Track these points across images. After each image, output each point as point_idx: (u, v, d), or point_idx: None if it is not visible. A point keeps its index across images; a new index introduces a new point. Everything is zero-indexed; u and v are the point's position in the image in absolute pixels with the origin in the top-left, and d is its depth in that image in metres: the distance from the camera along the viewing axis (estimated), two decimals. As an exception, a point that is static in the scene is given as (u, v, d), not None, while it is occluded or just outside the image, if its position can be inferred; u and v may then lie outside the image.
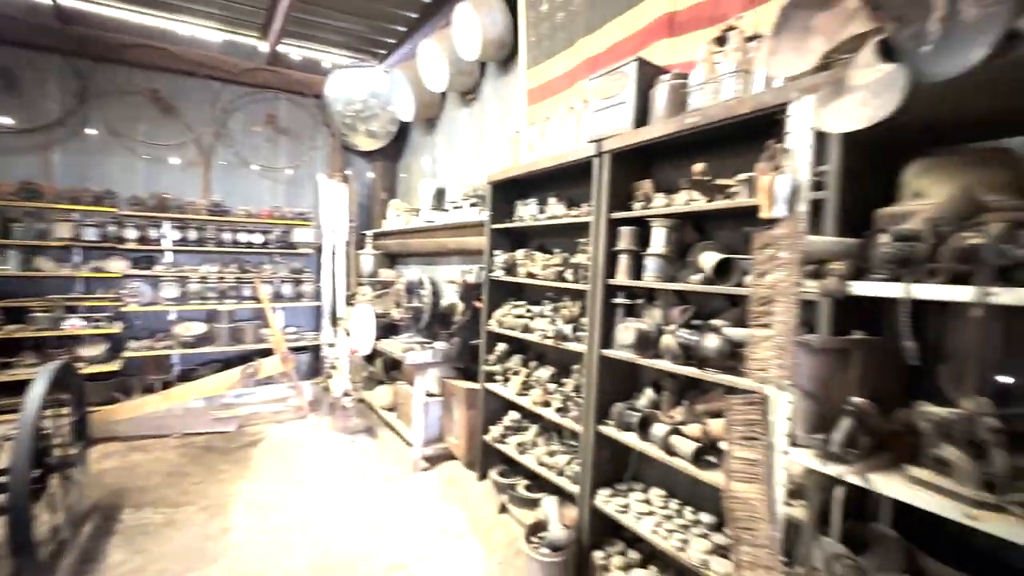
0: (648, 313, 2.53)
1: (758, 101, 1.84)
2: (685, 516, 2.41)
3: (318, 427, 4.95)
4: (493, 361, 3.63)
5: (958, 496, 1.08)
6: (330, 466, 4.11)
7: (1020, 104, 1.45)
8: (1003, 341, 1.63)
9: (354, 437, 4.72)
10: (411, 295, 3.99)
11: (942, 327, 1.64)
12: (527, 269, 3.30)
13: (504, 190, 3.66)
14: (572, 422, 2.83)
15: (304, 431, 4.89)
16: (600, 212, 2.62)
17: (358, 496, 3.61)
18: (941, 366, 1.35)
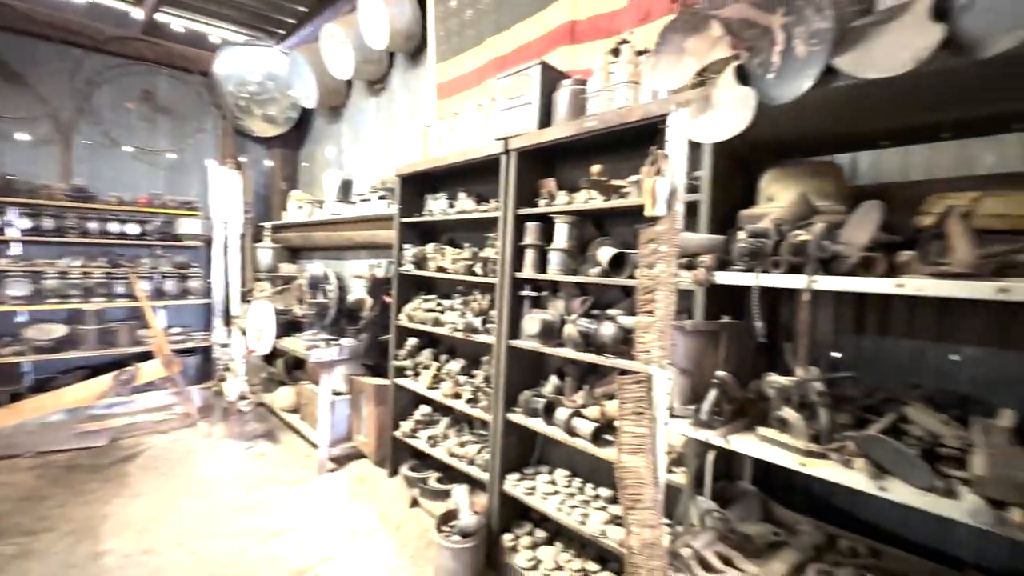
0: (552, 304, 2.67)
1: (645, 111, 2.03)
2: (586, 492, 2.60)
3: (210, 435, 4.56)
4: (403, 356, 3.60)
5: (793, 448, 1.31)
6: (226, 475, 3.82)
7: (839, 127, 1.77)
8: (832, 321, 1.98)
9: (252, 443, 4.42)
10: (315, 290, 3.82)
11: (787, 310, 1.94)
12: (437, 263, 3.32)
13: (414, 184, 3.64)
14: (482, 412, 2.91)
15: (193, 440, 4.48)
16: (507, 208, 2.72)
17: (259, 503, 3.41)
18: (785, 343, 1.60)
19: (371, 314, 3.70)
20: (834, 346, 2.01)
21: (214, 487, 3.63)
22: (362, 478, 3.70)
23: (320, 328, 3.87)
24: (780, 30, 1.27)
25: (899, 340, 1.89)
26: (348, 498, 3.47)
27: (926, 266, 1.14)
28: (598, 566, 2.49)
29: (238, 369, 4.46)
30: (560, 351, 2.48)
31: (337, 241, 5.17)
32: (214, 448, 4.33)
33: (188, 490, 3.58)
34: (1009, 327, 1.63)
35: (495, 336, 2.78)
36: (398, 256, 3.59)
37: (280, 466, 3.99)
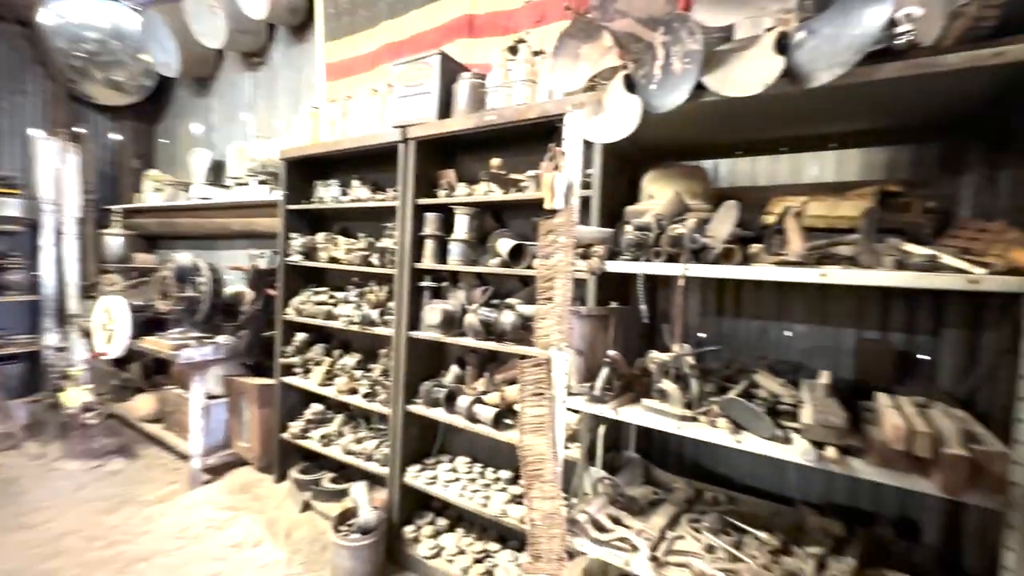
0: (453, 295, 2.70)
1: (542, 109, 2.14)
2: (487, 476, 2.68)
3: (42, 456, 3.85)
4: (291, 352, 3.37)
5: (671, 415, 1.51)
6: (69, 500, 3.26)
7: (705, 137, 2.04)
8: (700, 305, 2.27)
9: (102, 460, 3.82)
10: (183, 283, 3.40)
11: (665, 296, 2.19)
12: (329, 253, 3.16)
13: (301, 169, 3.41)
14: (381, 405, 2.85)
15: (18, 464, 3.75)
16: (406, 198, 2.68)
17: (116, 528, 2.97)
18: (664, 324, 1.82)
19: (252, 309, 3.40)
20: (701, 327, 2.33)
21: (52, 515, 3.08)
22: (244, 486, 3.40)
23: (190, 325, 3.46)
24: (661, 47, 1.43)
25: (749, 320, 2.23)
26: (228, 510, 3.17)
27: (770, 256, 1.38)
28: (498, 545, 2.59)
29: (80, 377, 3.81)
30: (461, 340, 2.52)
31: (208, 229, 4.65)
32: (49, 470, 3.66)
33: (13, 523, 2.99)
34: (824, 308, 2.02)
35: (394, 328, 2.73)
36: (284, 246, 3.34)
37: (141, 483, 3.50)
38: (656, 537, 1.66)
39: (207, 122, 5.20)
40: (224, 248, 4.94)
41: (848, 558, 1.50)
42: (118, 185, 5.76)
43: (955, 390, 1.69)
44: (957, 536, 1.72)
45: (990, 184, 1.64)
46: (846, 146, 1.95)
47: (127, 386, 4.49)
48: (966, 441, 1.12)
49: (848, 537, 1.69)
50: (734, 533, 1.70)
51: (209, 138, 5.16)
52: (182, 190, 4.95)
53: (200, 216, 4.67)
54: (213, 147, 5.09)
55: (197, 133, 5.31)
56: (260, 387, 3.35)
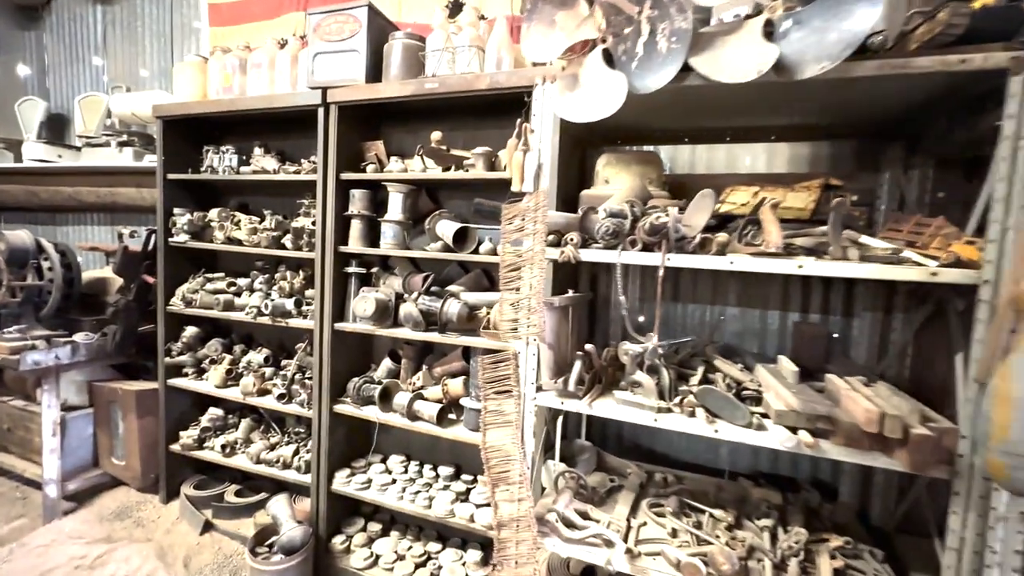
0: (385, 282, 2.45)
1: (492, 80, 1.96)
2: (425, 475, 2.51)
3: None
4: (180, 350, 2.85)
5: (648, 407, 1.48)
6: None
7: (658, 122, 2.01)
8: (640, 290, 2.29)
9: (-96, 498, 2.96)
10: (22, 269, 2.67)
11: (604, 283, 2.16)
12: (228, 234, 2.68)
13: (184, 131, 2.84)
14: (300, 407, 2.52)
15: None
16: (328, 171, 2.34)
17: (-67, 586, 2.31)
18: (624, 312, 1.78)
19: (123, 299, 2.79)
20: (641, 311, 2.36)
21: None
22: (121, 511, 2.84)
23: (33, 322, 2.75)
24: (646, 22, 1.34)
25: (686, 304, 2.31)
26: (102, 543, 2.62)
27: (743, 247, 1.39)
28: (439, 545, 2.46)
29: None
30: (397, 332, 2.29)
31: (48, 199, 3.75)
32: None
33: None
34: (753, 293, 2.14)
35: (315, 320, 2.41)
36: (165, 223, 2.78)
37: (-31, 522, 2.77)
38: (624, 528, 1.65)
39: (38, 63, 4.14)
40: (72, 224, 4.04)
41: (796, 528, 1.62)
42: (-98, 138, 4.40)
43: (872, 367, 1.90)
44: (867, 495, 1.95)
45: (905, 181, 1.82)
46: (784, 139, 2.05)
47: (-64, 399, 3.50)
48: (922, 420, 1.23)
49: (784, 504, 1.83)
50: (692, 513, 1.75)
51: (41, 84, 4.12)
52: (7, 149, 3.92)
53: (37, 183, 3.74)
54: (48, 96, 4.09)
55: (24, 76, 4.21)
56: (138, 393, 2.79)
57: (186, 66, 2.74)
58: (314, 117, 2.36)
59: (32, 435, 2.92)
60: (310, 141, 2.71)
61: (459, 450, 2.53)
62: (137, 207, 3.50)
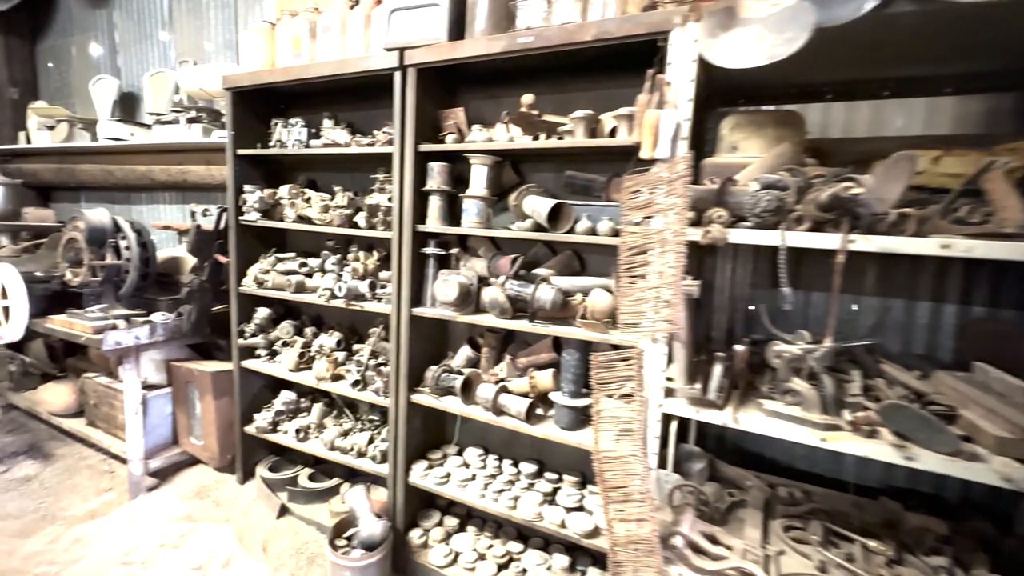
0: (466, 264, 2.25)
1: (602, 30, 1.67)
2: (505, 471, 2.34)
3: (-79, 465, 3.07)
4: (252, 331, 2.78)
5: (810, 423, 1.21)
6: (-39, 524, 2.59)
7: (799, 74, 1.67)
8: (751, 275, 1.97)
9: (6, 465, 3.11)
10: (99, 248, 2.66)
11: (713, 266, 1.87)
12: (298, 212, 2.55)
13: (253, 103, 2.71)
14: (376, 395, 2.39)
15: None
16: (406, 143, 2.14)
17: (35, 555, 2.37)
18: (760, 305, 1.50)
19: (197, 279, 2.75)
20: (752, 300, 2.05)
21: (-57, 546, 2.42)
22: (201, 490, 2.86)
23: (113, 301, 2.75)
24: (841, -71, 1.03)
25: (808, 293, 1.98)
26: (184, 521, 2.64)
27: (960, 225, 1.08)
28: (520, 545, 2.30)
29: (-35, 365, 3.01)
30: (480, 319, 2.09)
31: (123, 178, 3.78)
32: (-68, 484, 2.91)
33: None
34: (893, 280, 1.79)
35: (393, 304, 2.25)
36: (236, 201, 2.68)
37: (64, 493, 2.86)
38: (762, 558, 1.40)
39: (109, 41, 4.15)
40: (144, 202, 4.08)
41: (980, 572, 1.32)
42: (-10, 120, 4.58)
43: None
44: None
45: None
46: (964, 91, 1.66)
47: (29, 372, 3.67)
48: None
49: (951, 536, 1.52)
50: (839, 542, 1.48)
51: (113, 62, 4.14)
52: (83, 128, 3.97)
53: (111, 162, 3.77)
54: (120, 74, 4.10)
55: (96, 56, 4.24)
56: (214, 374, 2.76)
57: (253, 33, 2.59)
58: (388, 83, 2.16)
59: (116, 411, 2.97)
60: (380, 112, 2.53)
61: (541, 445, 2.33)
62: (206, 185, 3.46)
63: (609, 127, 1.81)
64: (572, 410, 1.98)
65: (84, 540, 2.49)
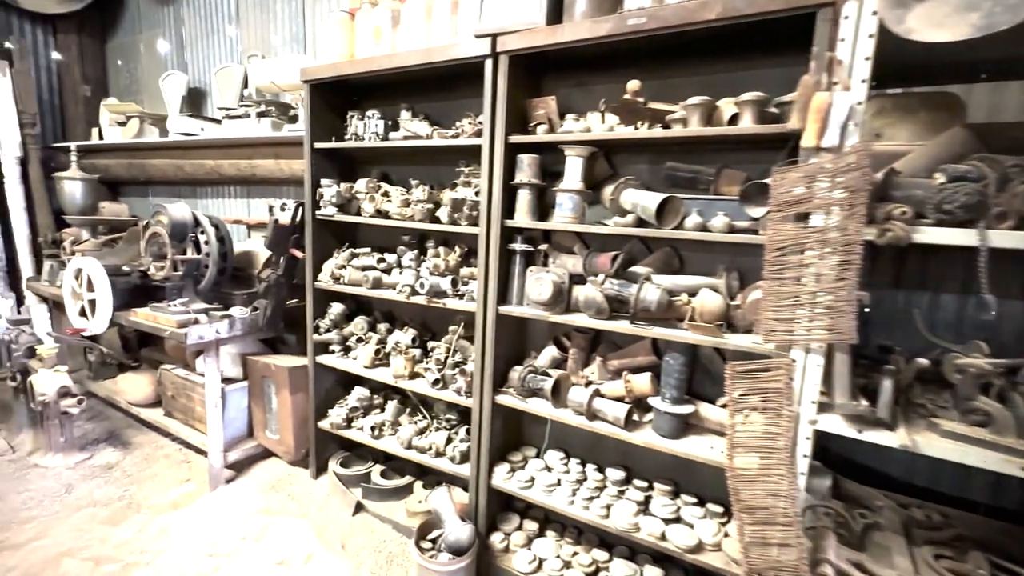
0: (556, 261, 2.15)
1: (729, 7, 1.52)
2: (590, 476, 2.25)
3: (13, 451, 3.20)
4: (327, 327, 2.77)
5: (1006, 448, 1.06)
6: (57, 507, 2.67)
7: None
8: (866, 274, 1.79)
9: (89, 452, 3.21)
10: (180, 242, 2.69)
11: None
12: (377, 206, 2.50)
13: (329, 96, 2.67)
14: (456, 395, 2.33)
15: (-16, 461, 3.09)
16: (496, 134, 2.05)
17: (124, 544, 2.43)
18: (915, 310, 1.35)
19: (274, 274, 2.74)
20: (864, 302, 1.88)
21: (41, 529, 2.50)
22: (276, 484, 2.88)
23: (193, 295, 2.78)
24: None
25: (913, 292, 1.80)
26: (263, 514, 2.66)
27: None
28: (605, 553, 2.21)
29: (52, 356, 3.11)
30: (573, 318, 2.00)
31: (191, 173, 3.84)
32: (26, 468, 3.03)
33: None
34: None
35: (478, 302, 2.17)
36: (313, 196, 2.66)
37: (145, 482, 2.93)
38: (923, 592, 1.26)
39: (177, 38, 4.22)
40: (211, 196, 4.15)
41: None
42: (65, 117, 4.74)
43: None
44: None
45: None
46: None
47: (107, 362, 3.79)
48: None
49: None
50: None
51: (181, 57, 4.20)
52: (153, 124, 4.05)
53: (181, 157, 3.84)
54: (187, 69, 4.16)
55: (164, 52, 4.32)
56: (291, 369, 2.76)
57: (330, 24, 2.54)
58: (473, 72, 2.07)
59: (193, 404, 3.02)
60: (458, 103, 2.46)
61: (627, 450, 2.22)
62: (274, 179, 3.46)
63: (728, 114, 1.67)
64: (675, 417, 1.86)
65: (169, 530, 2.54)
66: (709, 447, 1.80)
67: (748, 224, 1.72)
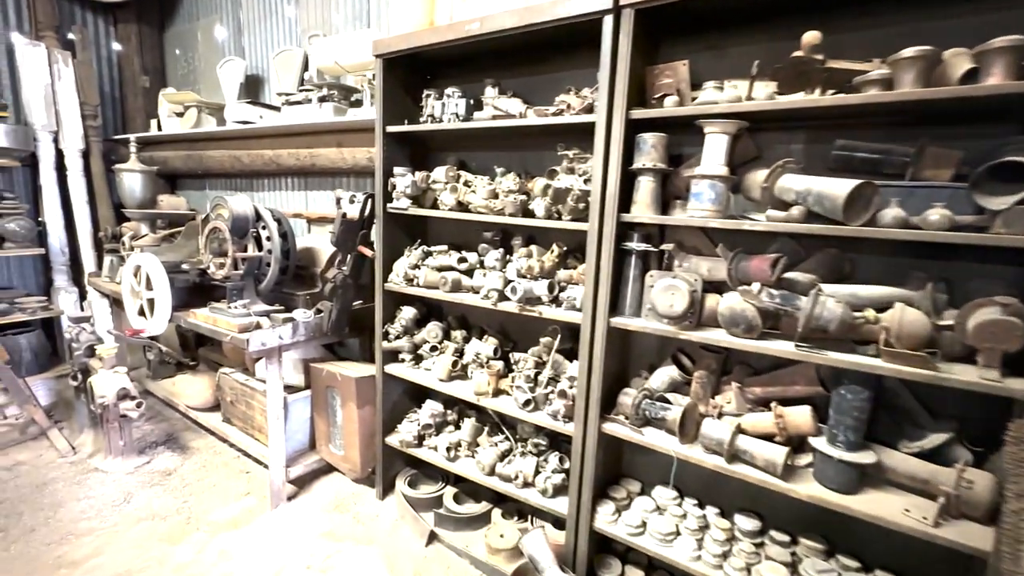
0: (684, 264, 1.76)
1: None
2: (713, 523, 1.86)
3: (75, 452, 3.09)
4: (397, 333, 2.48)
5: None
6: (115, 518, 2.51)
7: None
8: None
9: (149, 457, 3.07)
10: (241, 238, 2.46)
11: None
12: (459, 197, 2.18)
13: (400, 73, 2.36)
14: (552, 420, 1.99)
15: (46, 462, 2.99)
16: (615, 109, 1.67)
17: (184, 567, 2.22)
18: None
19: (340, 274, 2.47)
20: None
21: (100, 543, 2.33)
22: (340, 504, 2.63)
23: (254, 296, 2.55)
24: None
25: None
26: (328, 539, 2.41)
27: None
28: (732, 616, 1.82)
29: (108, 355, 2.96)
30: (708, 335, 1.61)
31: (249, 164, 3.64)
32: (85, 472, 2.91)
33: (50, 557, 2.25)
34: None
35: (585, 312, 1.81)
36: (385, 186, 2.36)
37: (204, 493, 2.74)
38: None
39: (234, 23, 4.03)
40: (267, 189, 3.95)
41: None
42: (125, 109, 4.68)
43: None
44: None
45: None
46: None
47: (165, 361, 3.67)
48: None
49: None
50: None
51: (237, 43, 4.01)
52: (210, 114, 3.89)
53: (239, 147, 3.65)
54: (244, 54, 3.97)
55: (221, 39, 4.15)
56: (359, 380, 2.49)
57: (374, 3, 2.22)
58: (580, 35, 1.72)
59: (253, 411, 2.81)
60: (547, 78, 2.13)
61: (755, 492, 1.79)
62: (334, 170, 3.21)
63: (961, 69, 1.24)
64: (850, 466, 1.46)
65: (229, 553, 2.32)
66: (902, 510, 1.39)
67: (973, 219, 1.30)
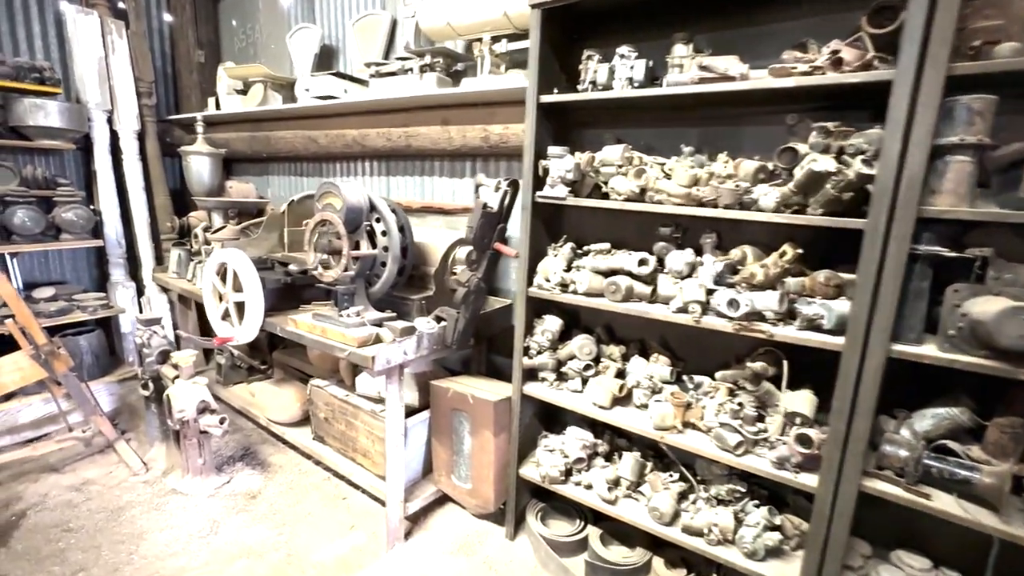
0: (1005, 275, 1.30)
1: None
2: (1000, 606, 1.43)
3: (147, 469, 2.76)
4: (538, 348, 2.07)
5: None
6: (205, 554, 2.17)
7: None
8: None
9: (228, 476, 2.73)
10: (353, 233, 2.06)
11: None
12: (644, 183, 1.73)
13: (556, 28, 1.91)
14: (777, 468, 1.56)
15: (118, 482, 2.67)
16: (928, 60, 1.21)
17: (301, 631, 1.87)
18: None
19: (473, 276, 2.06)
20: None
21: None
22: (465, 544, 2.25)
23: (365, 300, 2.15)
24: None
25: None
26: (458, 590, 2.04)
27: None
28: None
29: (187, 364, 2.60)
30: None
31: (326, 146, 3.24)
32: (163, 495, 2.57)
33: (146, 613, 1.91)
34: None
35: (853, 335, 1.37)
36: (535, 171, 1.92)
37: (299, 523, 2.39)
38: None
39: (303, -13, 3.59)
40: (339, 175, 3.55)
41: None
42: (179, 86, 4.29)
43: None
44: None
45: None
46: None
47: (237, 365, 3.32)
48: None
49: None
50: None
51: (308, 11, 3.58)
52: (275, 90, 3.48)
53: (316, 127, 3.24)
54: (316, 20, 3.53)
55: (287, 5, 3.71)
56: (498, 404, 2.09)
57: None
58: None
59: (355, 432, 2.43)
60: (741, 32, 1.66)
61: None
62: (437, 152, 2.78)
63: None
64: None
65: (347, 606, 1.96)
66: None
67: None
